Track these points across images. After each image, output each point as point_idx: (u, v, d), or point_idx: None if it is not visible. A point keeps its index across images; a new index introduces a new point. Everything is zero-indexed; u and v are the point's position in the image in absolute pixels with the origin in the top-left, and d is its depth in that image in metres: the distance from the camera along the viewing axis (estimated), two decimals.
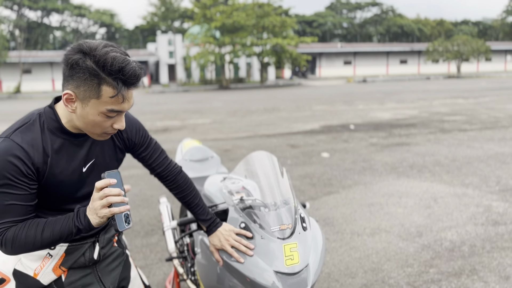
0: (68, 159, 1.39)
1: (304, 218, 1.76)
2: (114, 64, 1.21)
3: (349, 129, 11.04)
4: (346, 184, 5.89)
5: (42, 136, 1.34)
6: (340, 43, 56.34)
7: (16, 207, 1.29)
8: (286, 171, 1.97)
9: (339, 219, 4.55)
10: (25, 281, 1.49)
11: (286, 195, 1.83)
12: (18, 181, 1.27)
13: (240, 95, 26.51)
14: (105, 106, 1.27)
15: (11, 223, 1.29)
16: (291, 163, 7.24)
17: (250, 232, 1.65)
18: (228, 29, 35.91)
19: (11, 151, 1.26)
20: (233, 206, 1.76)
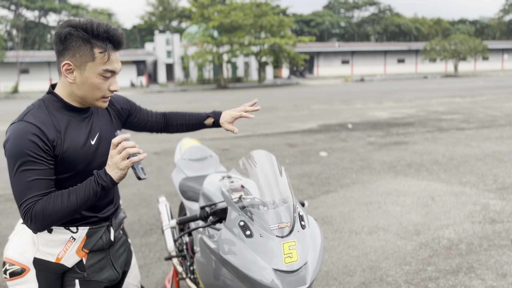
0: (76, 134, 1.53)
1: (302, 216, 1.77)
2: (100, 28, 1.43)
3: (347, 128, 11.06)
4: (344, 183, 5.91)
5: (50, 116, 1.48)
6: (337, 42, 56.38)
7: (39, 182, 1.40)
8: (285, 170, 1.98)
9: (337, 217, 4.57)
10: (46, 268, 1.60)
11: (285, 193, 1.85)
12: (38, 157, 1.40)
13: (238, 94, 26.51)
14: (101, 67, 1.45)
15: (37, 197, 1.39)
16: (289, 162, 7.26)
17: (247, 230, 1.66)
18: (226, 28, 35.90)
19: (28, 130, 1.40)
20: (232, 204, 1.77)
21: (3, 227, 4.62)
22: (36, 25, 57.78)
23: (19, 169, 1.39)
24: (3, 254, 1.74)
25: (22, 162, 1.38)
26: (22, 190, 1.40)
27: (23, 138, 1.39)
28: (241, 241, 1.65)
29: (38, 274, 1.63)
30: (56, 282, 1.62)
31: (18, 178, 1.39)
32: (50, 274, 1.61)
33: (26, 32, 53.84)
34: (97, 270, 1.66)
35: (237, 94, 26.41)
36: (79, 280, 1.63)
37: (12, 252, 1.70)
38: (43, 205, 1.39)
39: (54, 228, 1.58)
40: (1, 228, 4.59)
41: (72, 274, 1.63)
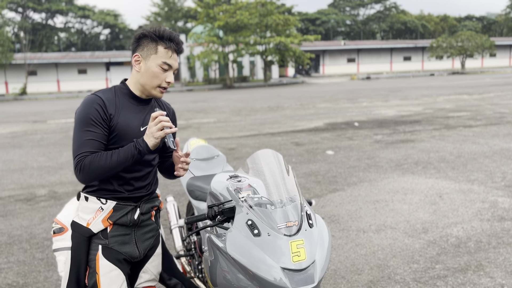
0: (130, 117, 1.88)
1: (310, 215, 1.78)
2: (166, 33, 1.85)
3: (354, 126, 11.04)
4: (351, 181, 5.90)
5: (115, 97, 1.88)
6: (343, 41, 56.21)
7: (93, 142, 1.76)
8: (292, 169, 1.99)
9: (344, 216, 4.56)
10: (78, 230, 1.92)
11: (292, 192, 1.86)
12: (97, 122, 1.78)
13: (244, 94, 26.52)
14: (161, 59, 1.84)
15: (88, 153, 1.74)
16: (295, 161, 7.26)
17: (255, 229, 1.67)
18: (231, 28, 35.87)
19: (95, 101, 1.80)
20: (239, 204, 1.78)
21: (13, 227, 4.67)
22: (43, 27, 58.16)
23: (81, 129, 1.76)
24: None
25: (85, 123, 1.76)
26: (78, 146, 1.75)
27: (90, 105, 1.78)
28: (249, 240, 1.66)
29: (72, 235, 1.94)
30: (84, 244, 1.91)
31: (78, 136, 1.76)
32: (80, 236, 1.91)
33: (33, 34, 54.21)
34: (119, 242, 1.92)
35: (243, 94, 26.44)
36: (102, 246, 1.90)
37: (60, 214, 2.21)
38: (90, 159, 1.73)
39: (90, 197, 1.91)
40: (11, 228, 4.64)
41: (97, 239, 1.91)
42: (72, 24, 61.76)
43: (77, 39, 60.49)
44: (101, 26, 62.37)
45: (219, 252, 1.81)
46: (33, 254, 3.91)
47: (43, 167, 7.72)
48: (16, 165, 8.05)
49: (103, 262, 1.88)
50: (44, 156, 8.83)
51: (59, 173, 7.17)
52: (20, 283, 3.38)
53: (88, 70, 43.60)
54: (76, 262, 1.91)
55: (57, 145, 10.09)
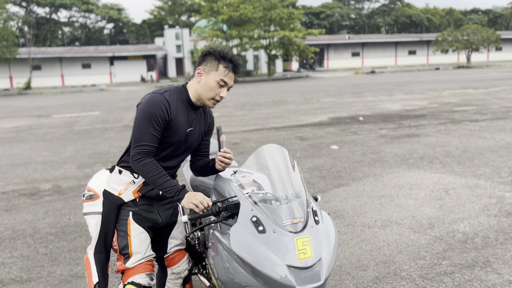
0: (183, 119, 2.16)
1: (316, 211, 1.74)
2: (228, 55, 2.10)
3: (358, 121, 10.97)
4: (356, 176, 5.86)
5: (177, 100, 2.13)
6: (348, 35, 55.91)
7: (152, 137, 2.05)
8: (298, 164, 1.95)
9: (349, 211, 4.53)
10: (110, 198, 2.25)
11: (298, 188, 1.82)
12: (160, 122, 2.04)
13: (248, 88, 26.46)
14: (219, 76, 2.08)
15: (147, 147, 2.04)
16: (300, 156, 7.22)
17: (260, 225, 1.63)
18: (235, 22, 35.76)
19: (162, 101, 2.06)
20: (244, 200, 1.75)
21: (17, 222, 4.66)
22: (47, 21, 58.18)
23: (145, 123, 2.02)
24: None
25: (150, 118, 2.02)
26: (139, 136, 2.04)
27: (158, 104, 2.04)
28: (253, 237, 1.62)
29: (104, 202, 2.27)
30: (114, 211, 2.24)
31: (141, 128, 2.03)
32: (111, 203, 2.24)
33: (37, 29, 54.22)
34: (146, 210, 2.25)
35: (246, 88, 26.37)
36: (132, 212, 2.23)
37: (92, 183, 2.44)
38: (145, 163, 2.03)
39: (124, 171, 2.23)
40: (15, 223, 4.63)
41: (128, 207, 2.23)
42: (76, 18, 61.74)
43: (81, 33, 60.48)
44: (104, 21, 62.30)
45: (223, 249, 1.78)
46: (36, 249, 3.90)
47: (47, 162, 7.71)
48: (20, 159, 8.06)
49: (134, 225, 2.21)
50: (48, 150, 8.83)
51: (63, 168, 7.16)
52: (23, 278, 3.37)
53: (92, 64, 43.62)
54: (106, 225, 2.25)
55: (61, 140, 10.09)
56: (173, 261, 2.41)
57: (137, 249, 2.21)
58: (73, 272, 3.42)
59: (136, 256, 2.21)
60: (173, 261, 2.41)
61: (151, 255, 2.27)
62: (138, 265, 2.21)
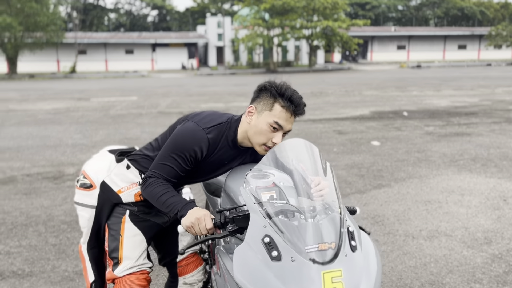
0: (219, 159, 1.82)
1: (353, 233, 1.29)
2: (287, 92, 1.74)
3: (402, 116, 10.27)
4: (398, 176, 5.30)
5: (220, 139, 1.79)
6: (394, 27, 53.93)
7: (172, 171, 1.73)
8: (331, 167, 1.50)
9: (390, 217, 4.01)
10: (107, 193, 1.93)
11: (330, 198, 1.37)
12: (188, 160, 1.73)
13: (286, 78, 25.82)
14: (273, 118, 1.71)
15: (160, 176, 1.72)
16: (337, 151, 6.70)
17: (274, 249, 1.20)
18: (277, 11, 35.07)
19: (201, 142, 1.73)
20: (255, 210, 1.32)
21: (34, 207, 4.44)
22: (94, 7, 59.48)
23: (171, 153, 1.72)
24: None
25: (177, 153, 1.72)
26: (158, 164, 1.74)
27: (196, 143, 1.72)
28: (264, 265, 1.19)
29: (100, 195, 1.95)
30: (109, 207, 1.94)
31: (165, 157, 1.73)
32: (107, 200, 1.93)
33: (84, 14, 55.56)
34: (146, 211, 1.93)
35: (286, 78, 25.70)
36: (130, 211, 1.92)
37: (89, 168, 2.08)
38: (153, 183, 1.71)
39: (132, 167, 1.92)
40: (31, 208, 4.41)
41: (125, 205, 1.93)
42: (121, 5, 62.81)
43: (126, 19, 61.52)
44: (149, 7, 63.08)
45: (226, 270, 1.36)
46: (46, 239, 3.64)
47: (76, 145, 7.57)
48: (51, 141, 7.97)
49: (128, 225, 1.91)
50: (80, 133, 8.73)
51: (91, 151, 6.97)
52: (25, 271, 3.10)
53: (134, 50, 44.19)
54: (98, 222, 1.99)
55: (94, 123, 10.00)
56: (187, 269, 2.08)
57: (128, 254, 1.88)
58: (78, 269, 3.12)
59: (126, 263, 1.87)
60: (187, 268, 2.08)
61: (145, 264, 1.90)
62: (128, 277, 1.84)
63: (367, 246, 1.30)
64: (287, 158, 1.53)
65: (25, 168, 6.04)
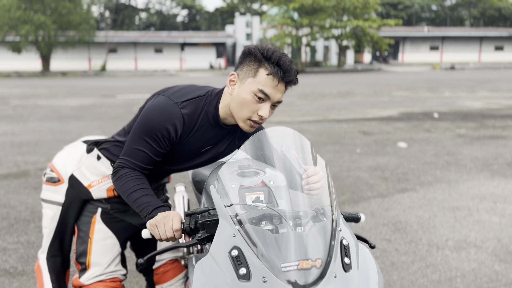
0: (200, 139, 1.55)
1: (347, 246, 1.01)
2: (274, 55, 1.42)
3: (433, 117, 9.78)
4: (425, 180, 4.93)
5: (199, 116, 1.51)
6: (427, 27, 52.48)
7: (145, 156, 1.49)
8: (326, 165, 1.22)
9: (413, 224, 3.67)
10: (76, 188, 1.69)
11: (321, 201, 1.10)
12: (162, 141, 1.47)
13: (314, 78, 25.46)
14: (257, 85, 1.42)
15: (133, 164, 1.48)
16: (360, 152, 6.35)
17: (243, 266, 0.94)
18: (306, 10, 34.66)
19: (173, 119, 1.46)
20: (224, 216, 1.06)
21: (39, 202, 4.31)
22: (125, 7, 60.50)
23: (141, 135, 1.47)
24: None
25: (148, 134, 1.46)
26: (129, 150, 1.49)
27: (165, 120, 1.45)
28: (229, 285, 0.94)
29: (68, 191, 1.72)
30: (78, 204, 1.70)
31: (135, 140, 1.48)
32: (76, 196, 1.70)
33: (116, 13, 56.58)
34: (122, 209, 1.68)
35: (312, 79, 25.38)
36: (102, 209, 1.68)
37: (58, 160, 1.83)
38: (123, 175, 1.47)
39: (103, 158, 1.69)
40: (37, 203, 4.29)
41: (97, 202, 1.69)
42: (152, 4, 63.66)
43: (156, 19, 62.32)
44: (179, 7, 63.69)
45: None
46: None
47: None
48: (70, 136, 7.93)
49: (99, 226, 1.67)
50: (99, 129, 8.68)
51: None
52: (18, 269, 2.94)
53: (164, 49, 44.61)
54: (64, 221, 1.74)
55: (116, 119, 9.96)
56: (165, 277, 1.80)
57: (97, 259, 1.64)
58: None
59: (94, 269, 1.64)
60: (165, 276, 1.80)
61: (117, 271, 1.66)
62: (96, 284, 1.60)
63: (367, 264, 1.03)
64: (267, 150, 1.27)
65: (40, 163, 5.97)
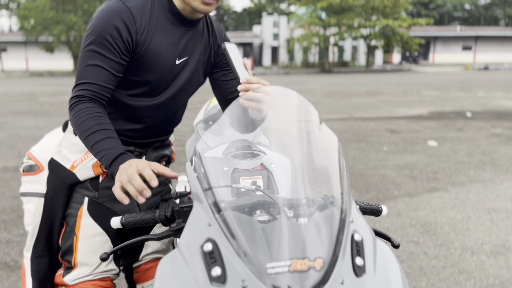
0: (166, 42, 1.31)
1: (361, 243, 0.77)
2: None
3: (465, 116, 9.29)
4: (457, 180, 4.58)
5: (150, 9, 1.28)
6: (459, 26, 50.97)
7: (99, 70, 1.23)
8: (339, 144, 0.99)
9: (444, 226, 3.36)
10: (58, 173, 1.41)
11: (330, 183, 0.87)
12: (113, 45, 1.22)
13: (341, 78, 24.99)
14: None
15: (88, 87, 1.23)
16: (387, 150, 6.02)
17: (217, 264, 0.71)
18: (334, 9, 34.15)
19: (120, 13, 1.22)
20: (199, 200, 0.84)
21: None
22: None
23: (88, 47, 1.23)
24: None
25: (96, 41, 1.22)
26: (81, 71, 1.24)
27: (110, 20, 1.21)
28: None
29: (49, 178, 1.43)
30: (63, 193, 1.40)
31: (86, 56, 1.23)
32: (60, 182, 1.40)
33: None
34: (113, 197, 1.36)
35: (340, 78, 24.91)
36: (89, 199, 1.38)
37: (35, 147, 1.60)
38: (81, 110, 1.20)
39: None
40: None
41: (83, 190, 1.39)
42: None
43: None
44: None
45: None
46: None
47: None
48: None
49: (86, 221, 1.37)
50: None
51: None
52: (18, 263, 2.79)
53: None
54: (50, 216, 1.41)
55: None
56: (146, 275, 1.54)
57: (84, 259, 1.37)
58: None
59: (81, 270, 1.38)
60: (146, 275, 1.54)
61: (108, 271, 1.41)
62: (82, 284, 1.36)
63: (387, 267, 0.78)
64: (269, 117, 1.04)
65: None
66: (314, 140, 0.98)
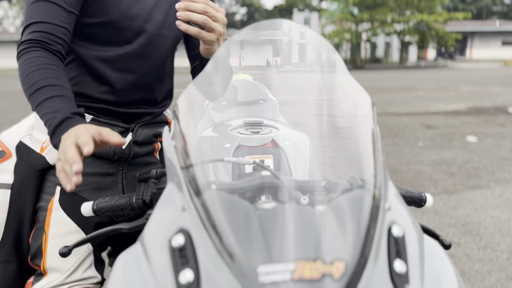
0: None
1: (401, 239, 0.53)
2: None
3: (507, 112, 8.77)
4: (501, 177, 4.21)
5: None
6: (499, 21, 48.98)
7: (47, 5, 1.01)
8: (373, 104, 0.76)
9: (488, 226, 3.04)
10: (27, 158, 1.19)
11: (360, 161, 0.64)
12: None
13: (374, 74, 24.39)
14: None
15: (37, 25, 1.00)
16: (423, 146, 5.67)
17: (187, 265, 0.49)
18: (367, 5, 33.45)
19: None
20: (173, 177, 0.62)
21: None
22: None
23: None
24: None
25: None
26: (29, 12, 1.02)
27: None
28: None
29: (17, 165, 1.20)
30: (32, 182, 1.17)
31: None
32: (29, 169, 1.17)
33: None
34: (93, 186, 1.15)
35: (372, 74, 24.31)
36: (62, 188, 1.12)
37: (5, 133, 1.31)
38: (23, 62, 0.98)
39: None
40: None
41: (55, 177, 1.11)
42: None
43: None
44: (238, 5, 64.21)
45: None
46: None
47: None
48: None
49: (57, 215, 1.11)
50: None
51: None
52: None
53: None
54: (17, 211, 1.17)
55: None
56: None
57: (54, 264, 1.12)
58: None
59: (52, 277, 1.12)
60: None
61: (87, 279, 1.14)
62: None
63: (439, 274, 0.54)
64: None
65: None
66: (338, 103, 0.76)
